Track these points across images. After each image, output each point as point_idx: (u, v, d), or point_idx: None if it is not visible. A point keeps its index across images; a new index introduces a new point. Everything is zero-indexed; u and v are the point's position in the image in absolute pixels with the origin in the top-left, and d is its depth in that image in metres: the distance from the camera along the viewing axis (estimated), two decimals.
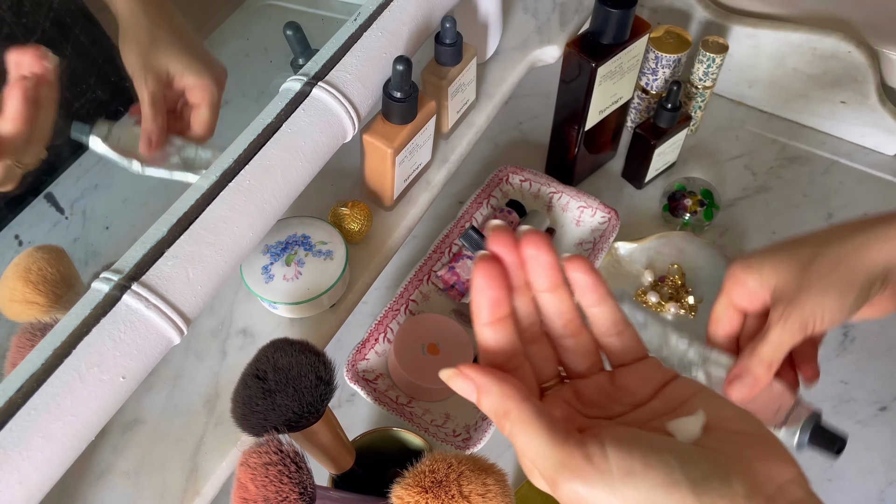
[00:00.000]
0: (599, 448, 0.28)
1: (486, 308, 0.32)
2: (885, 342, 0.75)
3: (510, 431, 0.30)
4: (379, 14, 0.58)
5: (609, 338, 0.35)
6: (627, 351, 0.35)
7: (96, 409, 0.42)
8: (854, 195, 0.86)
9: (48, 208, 0.67)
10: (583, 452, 0.28)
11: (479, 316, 0.32)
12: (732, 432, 0.30)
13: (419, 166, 0.67)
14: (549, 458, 0.29)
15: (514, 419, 0.30)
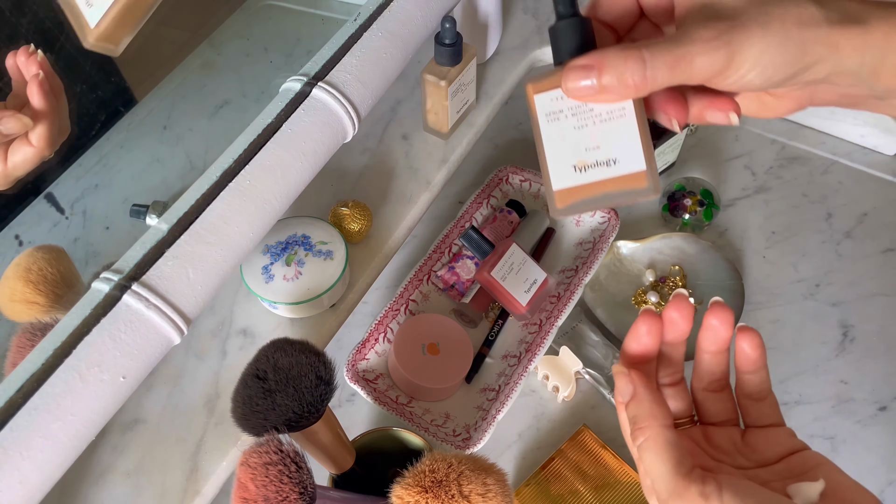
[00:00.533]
0: (717, 490, 0.31)
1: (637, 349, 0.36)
2: (885, 342, 0.75)
3: (641, 446, 0.33)
4: (379, 14, 0.58)
5: (750, 401, 0.37)
6: (764, 416, 0.37)
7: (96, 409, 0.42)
8: (854, 195, 0.86)
9: (48, 208, 0.67)
10: (700, 489, 0.31)
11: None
12: (847, 502, 0.32)
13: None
14: (668, 484, 0.31)
15: (650, 438, 0.33)
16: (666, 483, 0.32)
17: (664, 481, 0.32)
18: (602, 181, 0.33)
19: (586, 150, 0.33)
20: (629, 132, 0.33)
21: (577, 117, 0.33)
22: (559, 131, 0.34)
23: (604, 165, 0.33)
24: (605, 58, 0.31)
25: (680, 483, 0.31)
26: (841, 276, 0.80)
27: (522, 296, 0.72)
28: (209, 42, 0.81)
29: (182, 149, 0.73)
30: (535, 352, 0.72)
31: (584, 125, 0.33)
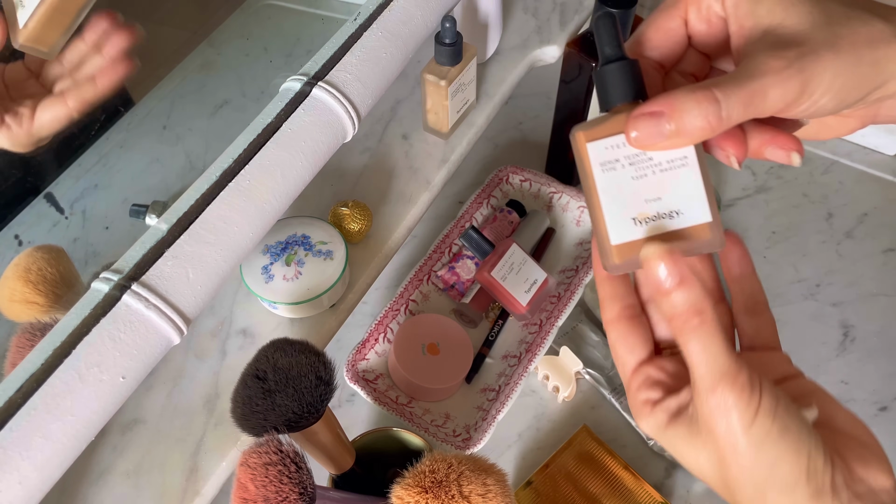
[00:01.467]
0: (759, 381, 0.30)
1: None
2: (885, 342, 0.75)
3: (694, 330, 0.30)
4: (379, 14, 0.58)
5: (746, 317, 0.36)
6: (761, 338, 0.36)
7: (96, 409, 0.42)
8: (854, 195, 0.86)
9: (48, 208, 0.67)
10: (748, 376, 0.30)
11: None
12: (842, 433, 0.32)
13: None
14: (719, 364, 0.30)
15: (706, 320, 0.30)
16: (717, 362, 0.30)
17: (715, 360, 0.30)
18: (666, 233, 0.32)
19: (646, 202, 0.32)
20: (692, 181, 0.31)
21: (636, 167, 0.31)
22: (616, 182, 0.31)
23: (666, 217, 0.32)
24: (674, 101, 0.29)
25: (731, 364, 0.30)
26: (841, 276, 0.80)
27: (522, 296, 0.72)
28: (209, 42, 0.81)
29: (182, 149, 0.73)
30: (536, 352, 0.72)
31: (643, 175, 0.31)
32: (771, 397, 0.30)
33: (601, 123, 0.31)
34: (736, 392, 0.30)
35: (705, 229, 0.32)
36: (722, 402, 0.30)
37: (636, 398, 0.35)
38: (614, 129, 0.31)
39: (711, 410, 0.30)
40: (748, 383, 0.30)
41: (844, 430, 0.32)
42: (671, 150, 0.31)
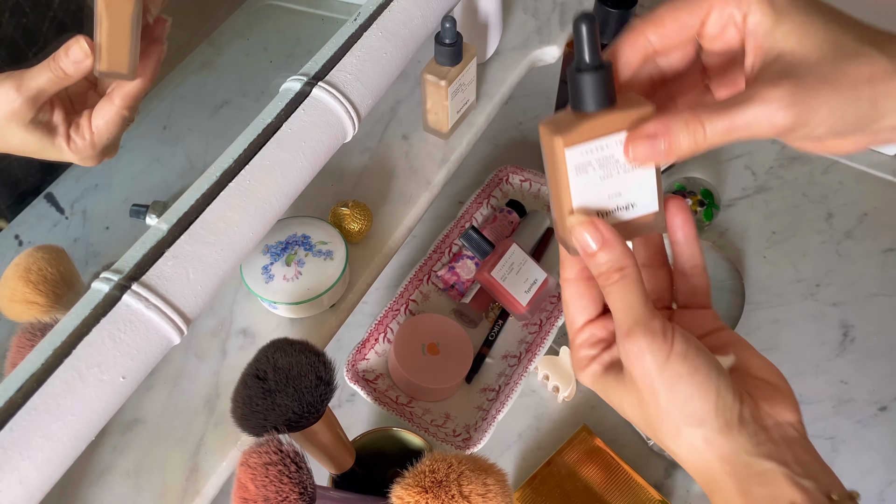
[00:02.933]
0: (671, 330, 0.34)
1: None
2: (885, 342, 0.75)
3: (615, 284, 0.34)
4: (379, 14, 0.58)
5: (683, 278, 0.40)
6: (695, 295, 0.40)
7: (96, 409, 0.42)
8: (854, 195, 0.86)
9: (48, 208, 0.67)
10: (661, 323, 0.34)
11: None
12: (755, 377, 0.36)
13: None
14: (635, 313, 0.34)
15: (627, 275, 0.34)
16: (635, 313, 0.34)
17: (633, 311, 0.34)
18: (619, 222, 0.36)
19: (609, 198, 0.35)
20: (649, 180, 0.36)
21: (604, 169, 0.35)
22: (587, 182, 0.35)
23: (623, 209, 0.36)
24: (669, 125, 0.32)
25: (648, 313, 0.34)
26: (841, 276, 0.80)
27: (522, 296, 0.72)
28: (209, 42, 0.81)
29: (182, 149, 0.73)
30: (536, 352, 0.72)
31: (609, 175, 0.35)
32: (682, 342, 0.34)
33: (577, 128, 0.34)
34: (649, 337, 0.33)
35: (651, 217, 0.36)
36: (637, 347, 0.33)
37: (578, 353, 0.39)
38: (590, 134, 0.34)
39: (628, 354, 0.34)
40: (661, 330, 0.33)
41: (758, 375, 0.36)
42: None
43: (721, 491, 0.34)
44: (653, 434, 0.36)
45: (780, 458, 0.33)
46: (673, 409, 0.34)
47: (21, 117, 0.50)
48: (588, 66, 0.33)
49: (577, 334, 0.39)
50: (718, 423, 0.33)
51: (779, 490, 0.33)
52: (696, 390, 0.33)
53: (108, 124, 0.52)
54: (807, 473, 0.33)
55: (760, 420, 0.34)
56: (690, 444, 0.34)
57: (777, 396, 0.35)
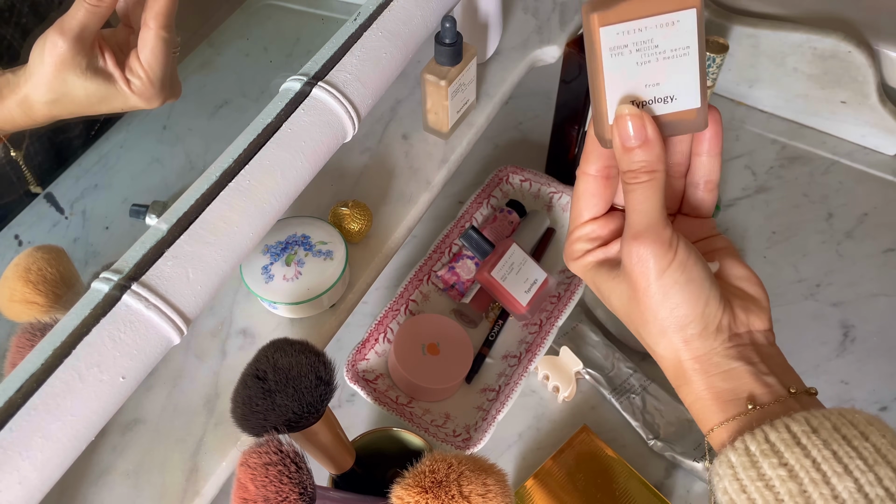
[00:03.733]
0: (677, 240, 0.36)
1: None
2: (885, 342, 0.75)
3: (642, 185, 0.35)
4: (379, 14, 0.58)
5: (695, 189, 0.41)
6: (700, 207, 0.41)
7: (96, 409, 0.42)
8: (854, 195, 0.86)
9: (48, 208, 0.67)
10: (671, 233, 0.35)
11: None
12: (735, 286, 0.39)
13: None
14: (651, 219, 0.35)
15: (655, 178, 0.35)
16: (650, 218, 0.35)
17: (649, 216, 0.35)
18: (658, 116, 0.34)
19: (646, 87, 0.34)
20: (691, 70, 0.34)
21: (642, 53, 0.33)
22: (622, 66, 0.33)
23: (661, 102, 0.34)
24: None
25: (662, 221, 0.35)
26: (841, 276, 0.80)
27: (523, 296, 0.72)
28: (209, 42, 0.81)
29: (182, 149, 0.73)
30: (536, 352, 0.72)
31: (647, 61, 0.33)
32: (684, 252, 0.36)
33: (615, 6, 0.32)
34: (657, 244, 0.35)
35: (693, 113, 0.35)
36: (644, 250, 0.35)
37: (574, 245, 0.40)
38: (628, 15, 0.32)
39: (631, 254, 0.36)
40: (668, 240, 0.35)
41: (739, 284, 0.39)
42: (676, 39, 0.33)
43: (689, 384, 0.38)
44: (635, 328, 0.39)
45: (747, 359, 0.37)
46: (662, 311, 0.36)
47: (75, 64, 0.49)
48: None
49: (579, 228, 0.40)
50: (699, 329, 0.36)
51: (742, 384, 0.36)
52: (688, 297, 0.36)
53: (154, 53, 0.51)
54: (771, 371, 0.37)
55: (735, 328, 0.37)
56: (669, 342, 0.37)
57: (752, 306, 0.38)
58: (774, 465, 0.32)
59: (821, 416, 0.34)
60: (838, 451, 0.32)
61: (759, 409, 0.36)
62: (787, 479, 0.32)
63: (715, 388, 0.37)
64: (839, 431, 0.33)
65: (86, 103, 0.52)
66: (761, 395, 0.36)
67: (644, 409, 0.71)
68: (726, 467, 0.34)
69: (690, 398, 0.38)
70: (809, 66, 0.86)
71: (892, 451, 0.32)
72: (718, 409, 0.37)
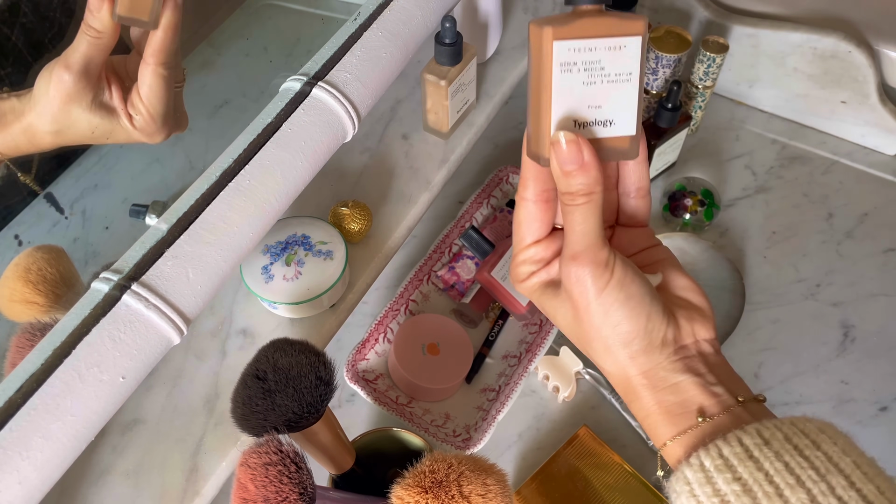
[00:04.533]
0: (613, 259, 0.36)
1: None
2: (885, 342, 0.75)
3: (581, 206, 0.35)
4: (379, 14, 0.58)
5: (627, 198, 0.41)
6: (635, 216, 0.42)
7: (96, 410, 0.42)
8: (854, 195, 0.86)
9: (48, 208, 0.67)
10: (606, 254, 0.36)
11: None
12: (678, 296, 0.40)
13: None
14: (589, 240, 0.36)
15: (592, 200, 0.35)
16: (588, 240, 0.36)
17: (587, 238, 0.36)
18: (595, 139, 0.35)
19: (588, 108, 0.34)
20: (631, 97, 0.34)
21: (589, 73, 0.33)
22: (569, 84, 0.33)
23: (601, 125, 0.35)
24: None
25: (599, 242, 0.36)
26: (841, 276, 0.80)
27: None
28: (209, 42, 0.81)
29: (182, 149, 0.73)
30: (536, 352, 0.72)
31: (592, 82, 0.34)
32: (621, 270, 0.36)
33: (569, 23, 0.33)
34: (593, 264, 0.36)
35: (626, 141, 0.35)
36: (581, 271, 0.36)
37: (518, 268, 0.41)
38: (582, 33, 0.33)
39: (570, 276, 0.36)
40: (605, 260, 0.36)
41: (682, 294, 0.40)
42: (621, 64, 0.34)
43: (639, 399, 0.38)
44: (582, 346, 0.39)
45: (694, 370, 0.37)
46: (605, 329, 0.37)
47: (81, 98, 0.49)
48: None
49: (522, 251, 0.40)
50: (644, 344, 0.37)
51: (690, 397, 0.37)
52: (628, 314, 0.36)
53: (152, 90, 0.51)
54: (718, 380, 0.37)
55: (680, 339, 0.38)
56: (615, 359, 0.38)
57: (696, 316, 0.39)
58: (729, 481, 0.33)
59: (772, 426, 0.34)
60: (790, 462, 0.32)
61: (709, 421, 0.36)
62: (742, 493, 0.32)
63: (664, 403, 0.37)
64: (790, 441, 0.33)
65: (89, 136, 0.52)
66: (710, 406, 0.36)
67: None
68: (683, 484, 0.35)
69: (641, 413, 0.38)
70: (809, 66, 0.86)
71: (844, 459, 0.32)
72: (669, 423, 0.37)
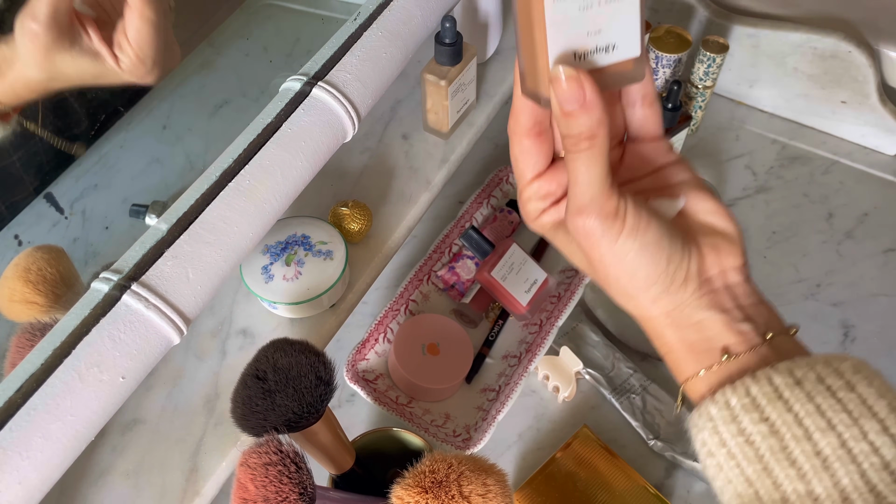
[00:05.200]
0: (624, 205, 0.33)
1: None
2: (885, 343, 0.75)
3: (582, 154, 0.32)
4: (379, 14, 0.58)
5: (633, 108, 0.37)
6: (645, 126, 0.37)
7: (96, 410, 0.42)
8: (854, 195, 0.86)
9: (48, 208, 0.67)
10: (615, 203, 0.33)
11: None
12: (702, 222, 0.36)
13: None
14: (595, 191, 0.32)
15: (595, 145, 0.32)
16: (593, 190, 0.32)
17: (592, 187, 0.32)
18: (597, 69, 0.32)
19: (588, 35, 0.31)
20: (631, 15, 0.32)
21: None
22: (563, 11, 0.30)
23: (602, 52, 0.32)
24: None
25: (605, 192, 0.32)
26: (842, 276, 0.80)
27: (523, 296, 0.72)
28: (209, 42, 0.81)
29: (182, 149, 0.73)
30: (536, 352, 0.72)
31: (588, 5, 0.31)
32: (633, 217, 0.33)
33: None
34: (601, 216, 0.33)
35: (630, 64, 0.32)
36: (588, 224, 0.33)
37: (526, 206, 0.38)
38: None
39: (577, 229, 0.33)
40: (614, 209, 0.33)
41: (706, 219, 0.36)
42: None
43: (661, 338, 0.36)
44: (600, 286, 0.37)
45: (720, 306, 0.35)
46: (622, 278, 0.34)
47: (58, 46, 0.48)
48: None
49: (526, 188, 0.37)
50: (665, 286, 0.34)
51: (715, 335, 0.35)
52: (645, 262, 0.34)
53: (139, 32, 0.50)
54: (745, 317, 0.35)
55: (705, 272, 0.35)
56: (636, 304, 0.36)
57: (722, 243, 0.35)
58: (755, 421, 0.31)
59: (805, 365, 0.32)
60: (822, 404, 0.31)
61: (733, 360, 0.34)
62: (768, 434, 0.31)
63: (687, 340, 0.35)
64: (823, 382, 0.31)
65: (80, 79, 0.51)
66: (735, 344, 0.34)
67: (644, 409, 0.71)
68: (706, 420, 0.33)
69: (664, 349, 0.37)
70: (809, 66, 0.86)
71: (879, 402, 0.30)
72: (693, 359, 0.35)
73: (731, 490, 0.33)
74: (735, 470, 0.32)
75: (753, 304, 0.36)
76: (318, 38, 0.59)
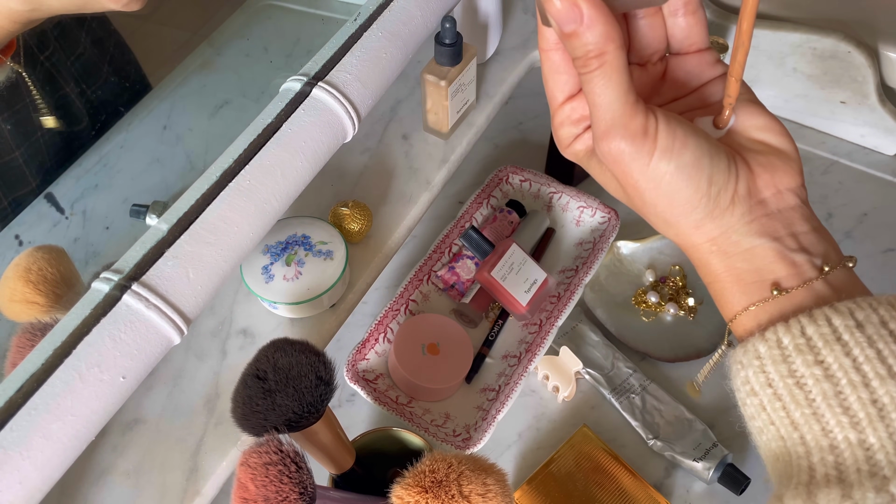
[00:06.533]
0: (654, 123, 0.30)
1: None
2: None
3: (594, 73, 0.29)
4: (379, 14, 0.58)
5: (674, 18, 0.34)
6: (689, 36, 0.35)
7: (96, 409, 0.42)
8: (854, 195, 0.86)
9: (48, 208, 0.67)
10: (643, 122, 0.30)
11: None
12: (755, 139, 0.33)
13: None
14: (616, 111, 0.30)
15: (605, 62, 0.29)
16: (614, 110, 0.30)
17: (612, 108, 0.30)
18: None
19: None
20: None
21: None
22: None
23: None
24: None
25: (628, 111, 0.30)
26: None
27: (522, 296, 0.72)
28: (209, 42, 0.81)
29: (182, 149, 0.73)
30: (536, 352, 0.72)
31: None
32: (667, 136, 0.30)
33: None
34: (628, 139, 0.30)
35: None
36: (615, 148, 0.30)
37: (559, 132, 0.35)
38: None
39: (605, 155, 0.31)
40: (641, 129, 0.30)
41: (759, 137, 0.33)
42: None
43: (707, 266, 0.33)
44: (642, 216, 0.34)
45: (772, 233, 0.32)
46: (660, 204, 0.32)
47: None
48: None
49: (558, 112, 0.35)
50: (709, 209, 0.32)
51: (766, 265, 0.32)
52: (683, 185, 0.31)
53: None
54: (800, 246, 0.33)
55: (757, 193, 0.32)
56: (677, 231, 0.33)
57: (777, 162, 0.33)
58: (810, 363, 0.29)
59: (868, 307, 0.29)
60: (883, 350, 0.28)
61: (784, 295, 0.31)
62: (823, 378, 0.29)
63: (735, 270, 0.32)
64: (886, 327, 0.29)
65: (63, 7, 0.51)
66: (787, 277, 0.32)
67: (644, 408, 0.71)
68: (752, 357, 0.31)
69: (709, 279, 0.34)
70: (809, 67, 0.86)
71: None
72: (740, 291, 0.32)
73: (772, 432, 0.31)
74: (780, 412, 0.30)
75: (809, 230, 0.34)
76: (319, 39, 0.59)
